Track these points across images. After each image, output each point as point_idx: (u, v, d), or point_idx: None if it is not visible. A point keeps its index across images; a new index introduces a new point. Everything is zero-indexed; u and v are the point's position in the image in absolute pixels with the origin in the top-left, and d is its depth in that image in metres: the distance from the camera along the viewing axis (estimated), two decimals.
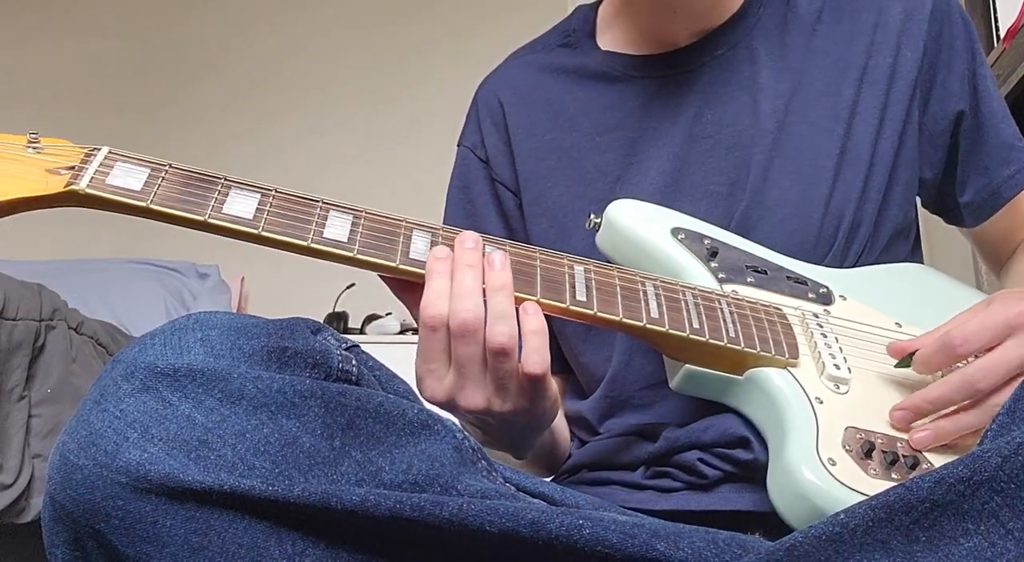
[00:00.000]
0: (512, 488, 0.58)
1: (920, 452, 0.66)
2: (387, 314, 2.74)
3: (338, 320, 2.74)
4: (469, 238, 0.66)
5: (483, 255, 0.65)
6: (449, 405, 0.65)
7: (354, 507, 0.49)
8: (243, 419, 0.52)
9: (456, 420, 0.61)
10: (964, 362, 0.67)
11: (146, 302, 2.38)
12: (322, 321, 2.65)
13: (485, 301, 0.63)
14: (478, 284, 0.64)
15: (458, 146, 0.97)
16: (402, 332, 2.68)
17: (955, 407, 0.67)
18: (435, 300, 0.63)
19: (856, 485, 0.61)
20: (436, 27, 3.24)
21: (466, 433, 0.58)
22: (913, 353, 0.69)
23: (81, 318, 1.71)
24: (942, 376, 0.69)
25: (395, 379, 0.62)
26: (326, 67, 3.27)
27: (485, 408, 0.64)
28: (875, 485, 0.62)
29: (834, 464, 0.63)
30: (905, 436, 0.67)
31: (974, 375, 0.65)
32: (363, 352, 0.62)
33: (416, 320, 0.65)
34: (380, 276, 0.67)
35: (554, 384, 0.68)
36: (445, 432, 0.56)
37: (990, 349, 0.66)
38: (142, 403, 0.51)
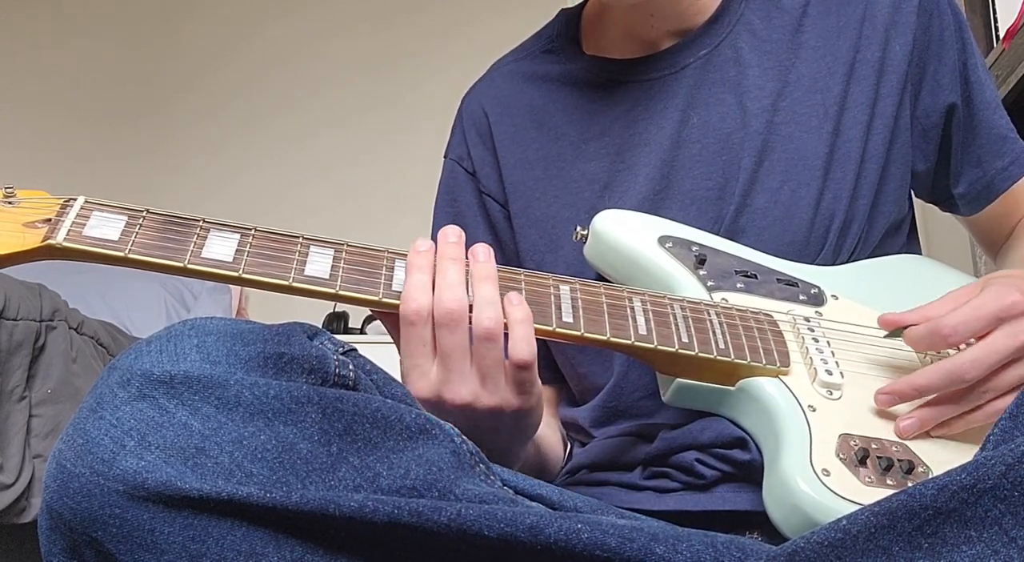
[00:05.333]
0: (510, 491, 0.58)
1: (916, 456, 0.66)
2: None
3: (338, 320, 2.74)
4: (452, 232, 0.67)
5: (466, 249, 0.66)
6: (435, 401, 0.64)
7: (352, 513, 0.49)
8: (240, 426, 0.52)
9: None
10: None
11: (146, 302, 2.37)
12: (322, 321, 2.63)
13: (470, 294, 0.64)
14: (462, 277, 0.64)
15: (444, 158, 0.96)
16: None
17: (938, 394, 0.67)
18: (415, 294, 0.63)
19: (851, 495, 0.61)
20: (432, 29, 3.24)
21: (464, 437, 0.58)
22: (905, 327, 0.70)
23: (81, 318, 1.71)
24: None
25: (393, 383, 0.61)
26: (319, 71, 3.27)
27: (471, 401, 0.64)
28: (870, 493, 0.62)
29: (828, 475, 0.63)
30: (900, 440, 0.67)
31: (962, 366, 0.66)
32: (360, 356, 0.61)
33: (398, 345, 0.65)
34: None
35: (539, 381, 0.68)
36: (443, 436, 0.56)
37: (980, 337, 0.66)
38: (138, 411, 0.51)
